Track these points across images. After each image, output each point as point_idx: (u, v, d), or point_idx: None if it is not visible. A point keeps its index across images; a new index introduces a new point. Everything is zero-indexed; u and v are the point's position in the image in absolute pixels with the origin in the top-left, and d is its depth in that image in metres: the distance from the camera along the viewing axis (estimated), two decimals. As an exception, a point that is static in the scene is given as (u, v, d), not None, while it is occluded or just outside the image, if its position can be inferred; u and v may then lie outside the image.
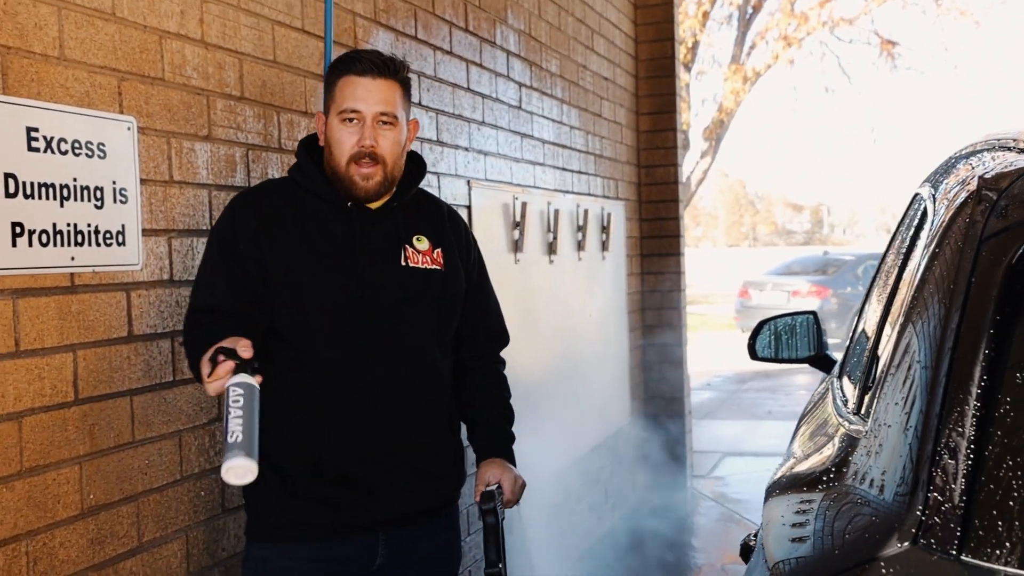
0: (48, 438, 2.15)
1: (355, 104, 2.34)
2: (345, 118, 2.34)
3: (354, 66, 2.37)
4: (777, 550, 1.66)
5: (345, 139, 2.35)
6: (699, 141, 21.06)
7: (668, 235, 7.01)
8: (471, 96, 4.28)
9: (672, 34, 7.05)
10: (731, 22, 22.22)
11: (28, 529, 2.09)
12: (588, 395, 5.70)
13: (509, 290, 4.58)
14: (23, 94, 2.10)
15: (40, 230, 2.13)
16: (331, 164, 2.37)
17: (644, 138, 7.02)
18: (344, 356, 2.31)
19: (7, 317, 2.06)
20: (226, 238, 2.32)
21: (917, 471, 1.32)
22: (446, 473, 2.51)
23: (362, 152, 2.34)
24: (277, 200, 2.38)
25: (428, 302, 2.43)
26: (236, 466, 1.89)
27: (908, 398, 1.41)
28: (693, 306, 27.20)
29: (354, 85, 2.36)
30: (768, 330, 3.54)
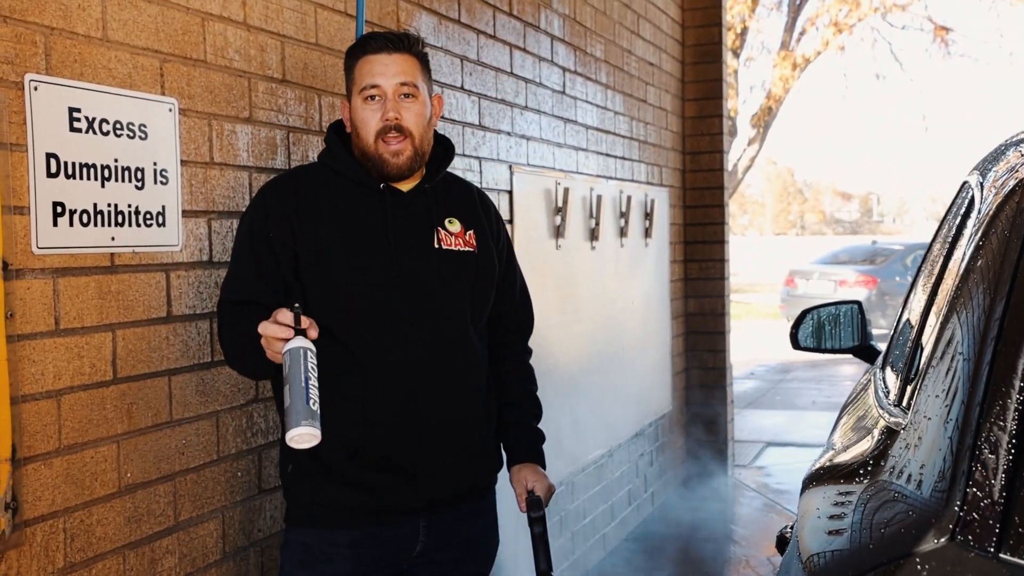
0: (87, 416, 2.17)
1: (374, 79, 2.34)
2: (367, 96, 2.34)
3: (368, 45, 2.37)
4: (811, 543, 1.63)
5: (369, 117, 2.34)
6: (747, 128, 20.87)
7: (712, 222, 6.95)
8: (514, 80, 4.26)
9: (720, 19, 6.97)
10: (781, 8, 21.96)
11: (66, 506, 2.12)
12: (629, 382, 5.67)
13: (550, 276, 4.57)
14: (66, 75, 2.12)
15: (81, 210, 2.15)
16: (360, 145, 2.36)
17: (689, 124, 6.96)
18: (380, 340, 2.30)
19: (47, 296, 2.08)
20: (257, 227, 2.31)
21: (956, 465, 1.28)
22: (485, 456, 2.50)
23: (388, 126, 2.33)
24: (309, 186, 2.37)
25: (462, 284, 2.42)
26: (301, 434, 1.96)
27: (949, 390, 1.38)
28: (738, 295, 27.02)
29: (371, 63, 2.35)
30: (811, 319, 3.49)
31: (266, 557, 2.71)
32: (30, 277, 2.04)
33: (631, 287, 5.70)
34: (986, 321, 1.33)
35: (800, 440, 8.62)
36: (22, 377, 2.02)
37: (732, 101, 21.08)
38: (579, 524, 4.94)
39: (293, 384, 1.99)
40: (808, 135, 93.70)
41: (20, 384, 2.01)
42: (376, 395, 2.31)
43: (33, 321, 2.04)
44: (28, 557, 2.03)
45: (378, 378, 2.31)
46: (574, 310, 4.87)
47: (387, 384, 2.31)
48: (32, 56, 2.04)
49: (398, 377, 2.32)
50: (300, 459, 2.32)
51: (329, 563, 2.32)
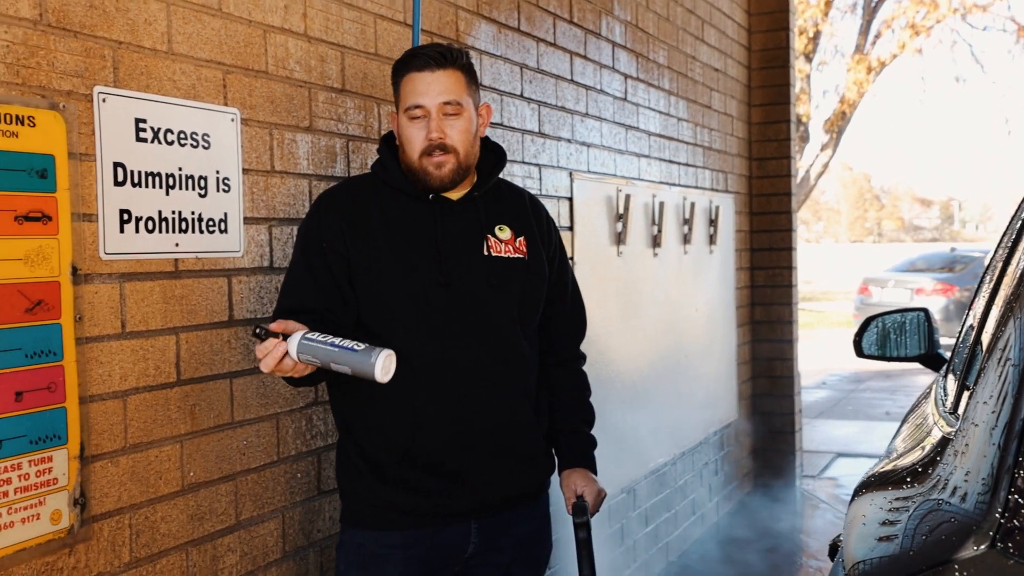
0: (151, 416, 2.24)
1: (417, 99, 2.38)
2: (412, 116, 2.38)
3: (413, 63, 2.40)
4: (856, 550, 1.64)
5: (414, 135, 2.39)
6: (819, 133, 20.62)
7: (780, 229, 6.89)
8: (574, 87, 4.28)
9: (788, 23, 6.92)
10: (855, 11, 21.68)
11: (131, 503, 2.19)
12: (692, 390, 5.65)
13: (611, 283, 4.58)
14: (133, 87, 2.20)
15: (147, 217, 2.23)
16: (405, 160, 2.41)
17: (756, 130, 6.92)
18: (430, 346, 2.34)
19: (114, 300, 2.16)
20: (311, 237, 2.36)
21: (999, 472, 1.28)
22: (534, 460, 2.53)
23: (431, 145, 2.37)
24: (361, 196, 2.42)
25: (512, 290, 2.46)
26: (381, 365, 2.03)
27: (998, 397, 1.37)
28: (812, 303, 26.69)
29: (415, 81, 2.39)
30: (875, 327, 3.46)
31: (325, 557, 2.77)
32: (98, 282, 2.12)
33: (695, 294, 5.69)
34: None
35: (872, 451, 8.49)
36: (90, 378, 2.10)
37: (804, 106, 20.84)
38: (641, 532, 4.94)
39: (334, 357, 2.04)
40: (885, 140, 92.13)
41: (88, 384, 2.09)
42: (426, 400, 2.34)
43: (101, 324, 2.12)
44: (96, 551, 2.11)
45: (428, 383, 2.34)
46: (636, 317, 4.88)
47: (437, 389, 2.35)
48: (101, 69, 2.12)
49: (448, 382, 2.36)
50: (354, 460, 2.38)
51: (382, 564, 2.36)
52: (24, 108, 1.95)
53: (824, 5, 20.65)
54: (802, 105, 20.90)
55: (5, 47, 1.94)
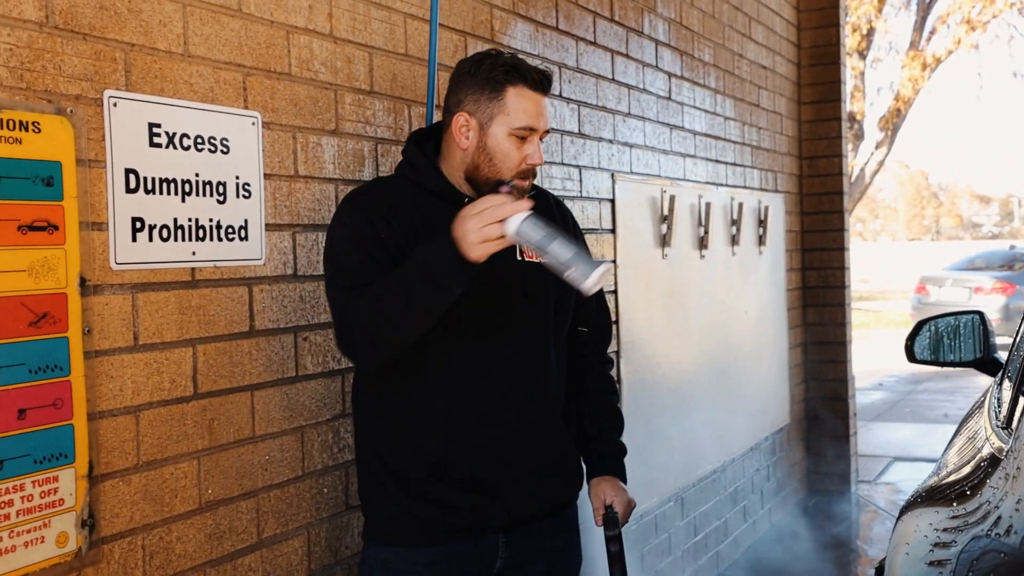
0: (166, 432, 2.16)
1: (533, 122, 2.27)
2: (519, 135, 2.27)
3: (527, 77, 2.28)
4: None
5: (514, 154, 2.27)
6: (874, 131, 20.24)
7: (832, 229, 6.70)
8: (616, 87, 4.16)
9: (838, 20, 6.72)
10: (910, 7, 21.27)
11: (144, 523, 2.11)
12: (743, 394, 5.50)
13: (656, 286, 4.45)
14: (146, 90, 2.12)
15: (161, 225, 2.14)
16: (485, 174, 2.28)
17: (806, 128, 6.73)
18: (465, 356, 2.25)
19: (126, 311, 2.08)
20: (360, 229, 2.23)
21: None
22: (565, 473, 2.45)
23: (528, 170, 2.30)
24: (394, 197, 2.32)
25: (546, 301, 2.38)
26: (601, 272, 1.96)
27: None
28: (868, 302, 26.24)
29: (529, 100, 2.27)
30: (928, 330, 3.31)
31: (353, 574, 2.68)
32: (108, 293, 2.04)
33: (744, 296, 5.53)
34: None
35: (930, 455, 8.24)
36: (100, 393, 2.02)
37: (858, 104, 20.47)
38: (689, 542, 4.80)
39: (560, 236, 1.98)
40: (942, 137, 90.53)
41: (98, 400, 2.01)
42: (458, 412, 2.26)
43: (112, 337, 2.05)
44: (106, 574, 2.03)
45: (460, 394, 2.26)
46: (683, 320, 4.74)
47: (469, 401, 2.27)
48: (112, 73, 2.05)
49: (480, 394, 2.27)
50: (377, 473, 2.29)
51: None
52: (28, 113, 1.87)
53: (878, 1, 20.28)
54: (856, 102, 20.55)
55: (8, 50, 1.86)
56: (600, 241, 3.99)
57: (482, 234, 1.98)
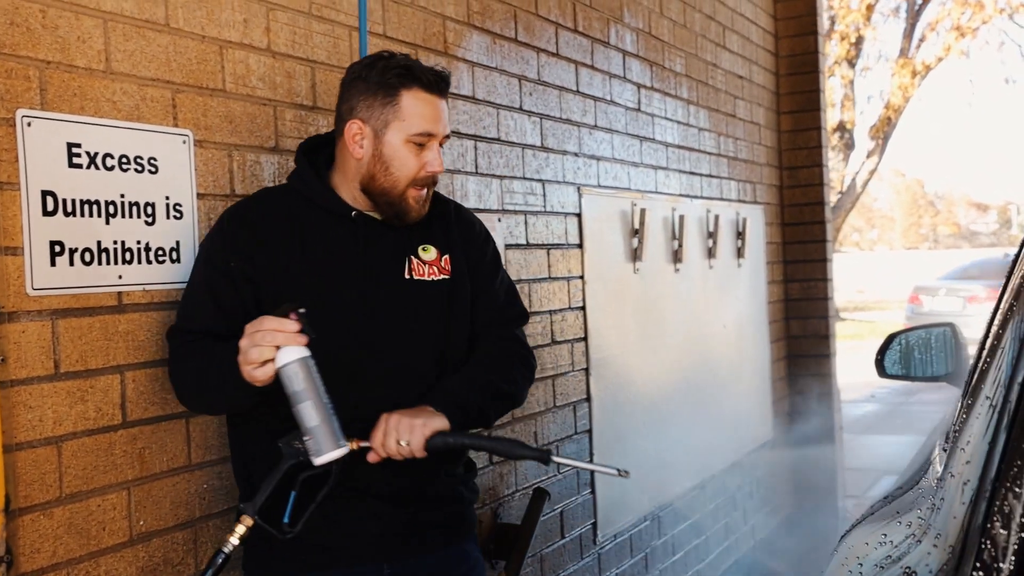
0: (92, 463, 2.08)
1: (429, 127, 2.18)
2: (417, 142, 2.18)
3: (421, 80, 2.18)
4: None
5: (412, 161, 2.18)
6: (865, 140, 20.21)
7: (814, 240, 6.63)
8: (581, 99, 4.09)
9: (816, 28, 6.67)
10: (899, 14, 21.30)
11: (69, 557, 2.03)
12: (722, 409, 5.41)
13: (628, 301, 4.38)
14: (64, 109, 2.05)
15: (83, 248, 2.07)
16: (381, 184, 2.19)
17: (786, 138, 6.67)
18: (342, 380, 2.06)
19: (45, 338, 2.00)
20: (214, 254, 2.17)
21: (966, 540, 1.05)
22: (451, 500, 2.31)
23: (429, 178, 2.21)
24: (273, 212, 2.20)
25: (434, 317, 2.25)
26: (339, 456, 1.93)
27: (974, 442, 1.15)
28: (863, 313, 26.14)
29: (425, 103, 2.18)
30: (898, 344, 3.24)
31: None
32: (25, 320, 1.96)
33: (722, 310, 5.46)
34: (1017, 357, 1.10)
35: (920, 466, 8.16)
36: (17, 424, 1.94)
37: (849, 113, 20.45)
38: (668, 561, 4.71)
39: (315, 400, 1.90)
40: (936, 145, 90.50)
41: (14, 431, 1.93)
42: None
43: (29, 365, 1.97)
44: (25, 612, 1.95)
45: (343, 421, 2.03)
46: (657, 335, 4.66)
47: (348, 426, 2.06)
48: (25, 91, 1.98)
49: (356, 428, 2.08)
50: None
51: None
52: (-68, 135, 1.80)
53: (866, 9, 20.29)
54: (847, 111, 20.53)
55: (-91, 70, 1.79)
56: (567, 256, 3.92)
57: (251, 356, 1.90)
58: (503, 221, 3.51)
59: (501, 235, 3.49)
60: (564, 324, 3.89)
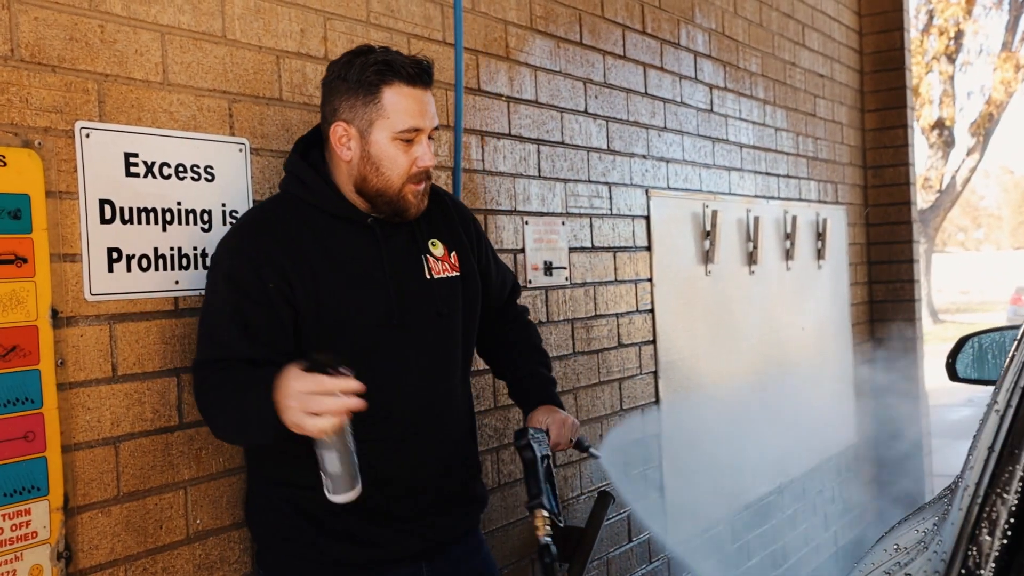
0: (149, 463, 2.15)
1: (415, 122, 2.12)
2: (404, 139, 2.12)
3: (401, 73, 2.11)
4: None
5: (402, 159, 2.13)
6: (965, 137, 19.67)
7: (899, 240, 6.48)
8: (649, 101, 4.08)
9: (901, 23, 6.52)
10: (1001, 7, 20.67)
11: (127, 554, 2.10)
12: (801, 413, 5.32)
13: (698, 304, 4.35)
14: (122, 120, 2.12)
15: (140, 255, 2.14)
16: (375, 184, 2.14)
17: (871, 137, 6.54)
18: (379, 394, 1.98)
19: (103, 342, 2.07)
20: (241, 275, 2.05)
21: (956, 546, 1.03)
22: (479, 494, 2.42)
23: (422, 172, 2.16)
24: (291, 224, 2.13)
25: (456, 322, 2.29)
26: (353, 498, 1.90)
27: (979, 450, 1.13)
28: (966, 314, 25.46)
29: (408, 98, 2.12)
30: (971, 347, 3.16)
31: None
32: (83, 324, 2.04)
33: (800, 313, 5.37)
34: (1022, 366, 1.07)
35: (1016, 473, 7.91)
36: (76, 425, 2.02)
37: (948, 109, 19.93)
38: (743, 566, 4.65)
39: (341, 451, 1.86)
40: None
41: (74, 432, 2.01)
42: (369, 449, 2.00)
43: (88, 368, 2.04)
44: (84, 606, 2.02)
45: (373, 432, 2.05)
46: (730, 339, 4.61)
47: (382, 437, 2.13)
48: (84, 104, 2.05)
49: (394, 430, 2.15)
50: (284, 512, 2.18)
51: None
52: (-7, 148, 1.89)
53: (966, 3, 19.74)
54: (946, 108, 20.01)
55: (-29, 86, 1.88)
56: (634, 259, 3.91)
57: (306, 424, 1.81)
58: (567, 224, 3.52)
59: (565, 238, 3.49)
60: (631, 327, 3.88)
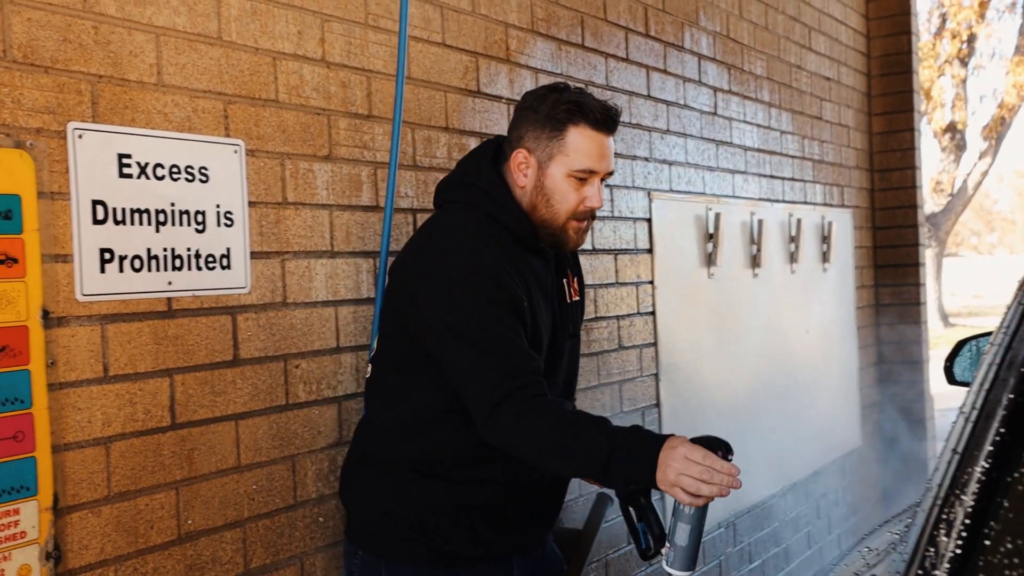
0: (140, 463, 2.15)
1: (594, 164, 2.26)
2: (578, 177, 2.25)
3: (591, 116, 2.24)
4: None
5: (572, 196, 2.27)
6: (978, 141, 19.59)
7: (906, 244, 6.46)
8: (652, 103, 4.07)
9: (909, 27, 6.50)
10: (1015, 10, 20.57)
11: (117, 554, 2.10)
12: (805, 416, 5.31)
13: (701, 307, 4.34)
14: (115, 121, 2.12)
15: (133, 256, 2.14)
16: (542, 215, 2.28)
17: (878, 140, 6.52)
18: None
19: (94, 343, 2.08)
20: (494, 295, 2.13)
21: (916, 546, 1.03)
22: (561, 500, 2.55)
23: (588, 212, 2.30)
24: (503, 244, 2.24)
25: (578, 338, 2.49)
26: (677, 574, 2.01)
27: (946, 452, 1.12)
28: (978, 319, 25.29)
29: (593, 141, 2.25)
30: (969, 350, 3.15)
31: (352, 605, 2.64)
32: (75, 324, 2.04)
33: (805, 315, 5.35)
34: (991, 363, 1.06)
35: None
36: (66, 425, 2.02)
37: (960, 113, 19.85)
38: (743, 569, 4.64)
39: (695, 528, 1.99)
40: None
41: (64, 432, 2.01)
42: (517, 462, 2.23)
43: (79, 368, 2.05)
44: (73, 605, 2.03)
45: None
46: (733, 341, 4.60)
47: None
48: (77, 105, 2.06)
49: None
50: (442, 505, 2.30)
51: None
52: (-16, 148, 1.89)
53: (979, 6, 19.66)
54: (958, 111, 19.94)
55: (-37, 86, 1.88)
56: (635, 261, 3.91)
57: (697, 487, 1.91)
58: (567, 227, 3.51)
59: (564, 241, 3.49)
60: (632, 329, 3.87)
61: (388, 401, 2.33)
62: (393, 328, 2.32)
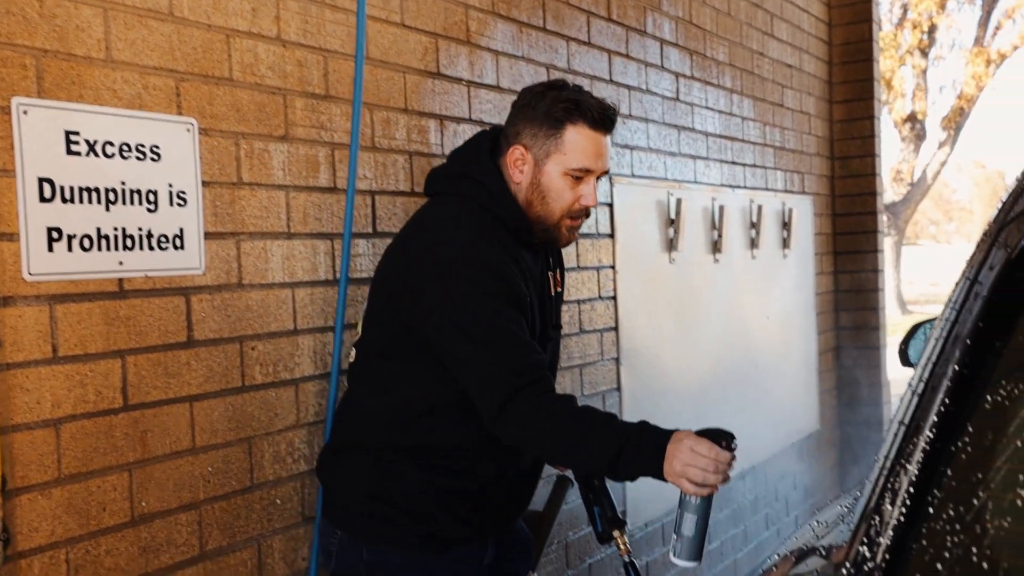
0: (92, 445, 2.12)
1: (590, 163, 2.27)
2: (574, 175, 2.27)
3: (587, 116, 2.26)
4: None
5: (568, 194, 2.29)
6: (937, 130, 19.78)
7: (865, 231, 6.50)
8: (614, 88, 4.06)
9: (870, 15, 6.53)
10: (975, 2, 20.78)
11: (68, 536, 2.07)
12: (763, 401, 5.34)
13: (662, 292, 4.35)
14: (62, 97, 2.08)
15: (82, 235, 2.11)
16: (537, 211, 2.31)
17: (839, 128, 6.55)
18: None
19: (43, 323, 2.04)
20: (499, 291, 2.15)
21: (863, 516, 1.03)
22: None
23: (582, 211, 2.32)
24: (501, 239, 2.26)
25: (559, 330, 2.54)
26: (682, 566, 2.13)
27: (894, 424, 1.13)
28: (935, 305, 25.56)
29: (587, 139, 2.27)
30: (923, 333, 3.18)
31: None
32: (22, 304, 2.00)
33: (765, 301, 5.38)
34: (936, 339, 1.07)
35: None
36: (14, 406, 1.98)
37: (920, 103, 20.04)
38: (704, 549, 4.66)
39: (701, 519, 2.09)
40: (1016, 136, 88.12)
41: (11, 413, 1.98)
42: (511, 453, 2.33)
43: (27, 349, 2.01)
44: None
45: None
46: (694, 327, 4.61)
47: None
48: (21, 80, 2.01)
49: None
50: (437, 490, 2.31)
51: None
52: (-73, 123, 1.85)
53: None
54: (918, 102, 20.12)
55: (-95, 59, 1.84)
56: (596, 246, 3.90)
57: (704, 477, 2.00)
58: (527, 210, 3.50)
59: (524, 224, 3.48)
60: (593, 313, 3.87)
61: (379, 387, 2.32)
62: (387, 316, 2.31)
